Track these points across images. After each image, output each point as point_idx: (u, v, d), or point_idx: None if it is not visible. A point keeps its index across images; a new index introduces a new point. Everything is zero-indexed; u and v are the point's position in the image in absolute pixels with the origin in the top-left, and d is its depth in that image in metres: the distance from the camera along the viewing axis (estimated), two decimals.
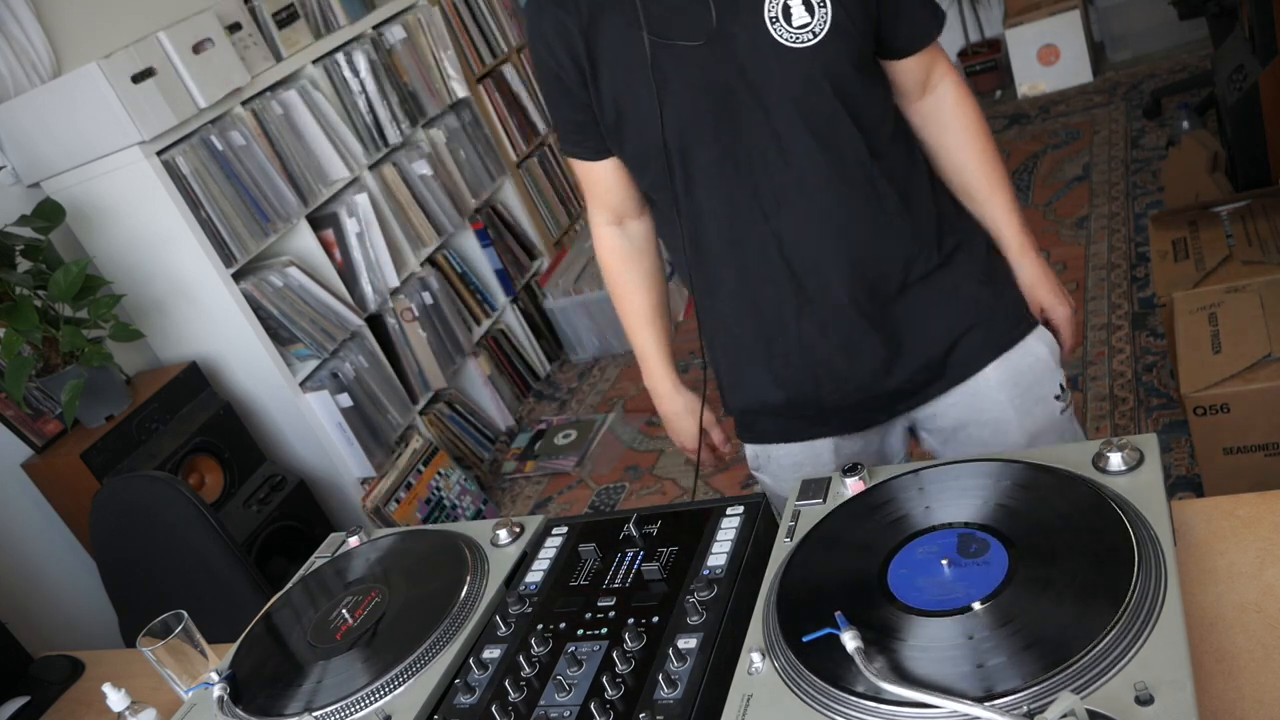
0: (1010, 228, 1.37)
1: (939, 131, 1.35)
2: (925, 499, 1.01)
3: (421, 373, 3.36)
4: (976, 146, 1.35)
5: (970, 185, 1.36)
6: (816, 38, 1.17)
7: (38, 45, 2.75)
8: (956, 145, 1.35)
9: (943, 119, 1.34)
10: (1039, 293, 1.38)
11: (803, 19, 1.17)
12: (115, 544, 2.15)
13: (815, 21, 1.17)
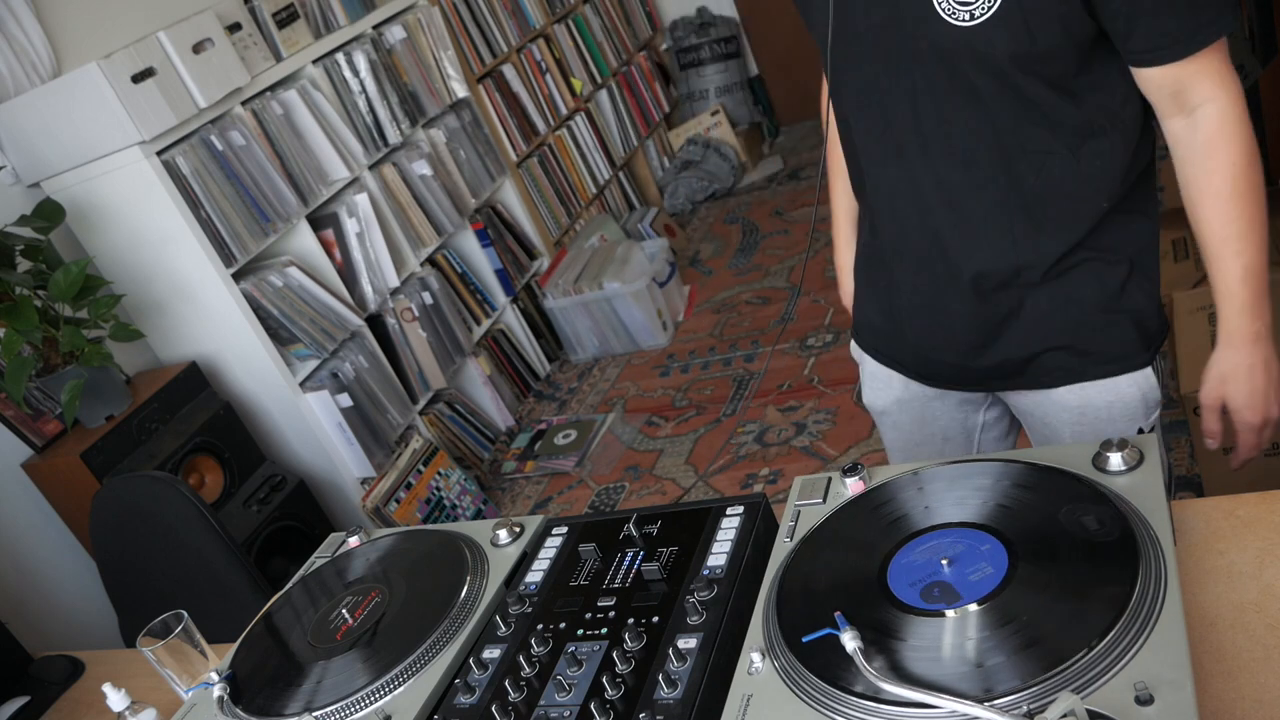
0: (1229, 306, 1.19)
1: (1182, 163, 1.18)
2: (925, 499, 1.01)
3: (421, 373, 3.36)
4: (1219, 197, 1.15)
5: (1201, 236, 1.19)
6: (974, 20, 1.09)
7: (38, 45, 2.75)
8: (1196, 188, 1.17)
9: (1188, 151, 1.16)
10: (1228, 388, 1.23)
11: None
12: (115, 544, 2.15)
13: (980, 3, 1.08)
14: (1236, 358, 1.20)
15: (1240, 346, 1.20)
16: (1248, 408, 1.22)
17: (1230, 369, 1.21)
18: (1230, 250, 1.16)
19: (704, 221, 4.89)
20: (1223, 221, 1.15)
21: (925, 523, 0.98)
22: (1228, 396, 1.23)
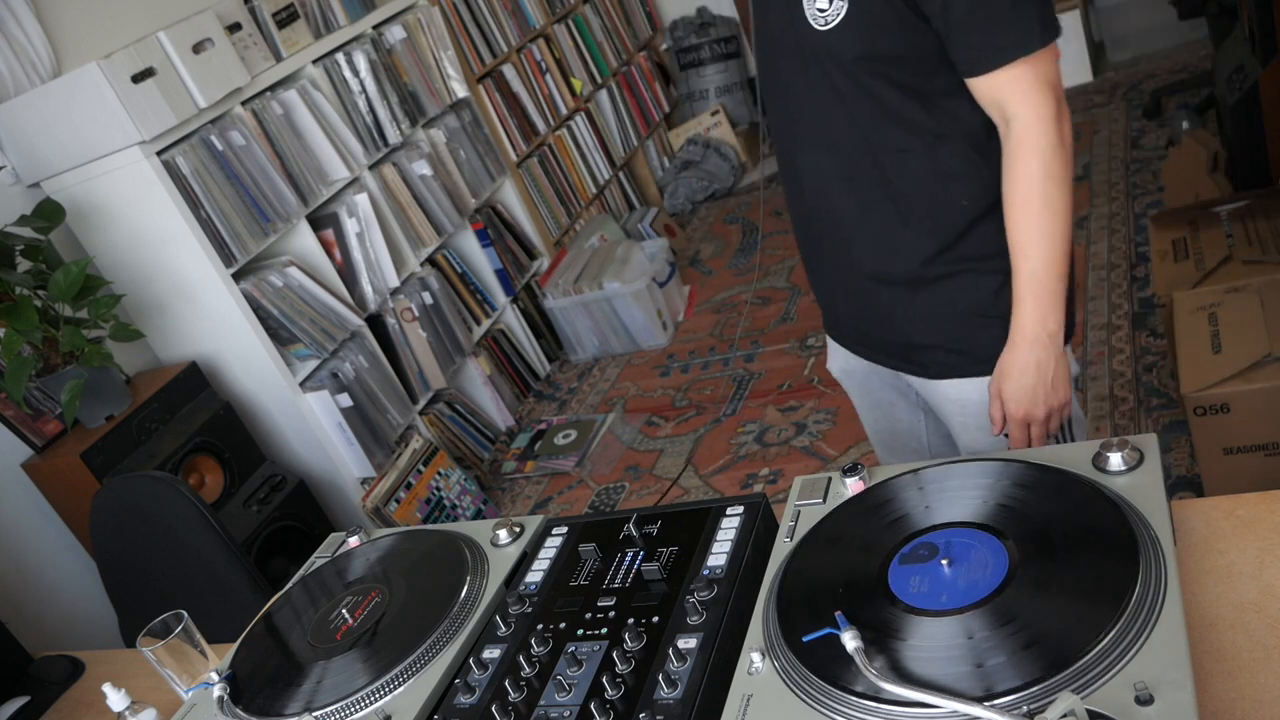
0: (1016, 306, 1.27)
1: (1002, 171, 1.26)
2: (925, 499, 1.01)
3: (421, 373, 3.36)
4: (1014, 205, 1.24)
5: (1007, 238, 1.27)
6: (828, 26, 1.21)
7: (38, 45, 2.75)
8: (1004, 193, 1.26)
9: (1003, 159, 1.25)
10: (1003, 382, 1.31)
11: (822, 3, 1.21)
12: (115, 544, 2.15)
13: (830, 10, 1.20)
14: (1014, 355, 1.29)
15: (1019, 345, 1.28)
16: (1013, 402, 1.30)
17: (1008, 365, 1.30)
18: (1021, 255, 1.24)
19: (704, 221, 4.89)
20: (1017, 228, 1.24)
21: (925, 522, 0.98)
22: (1001, 389, 1.31)
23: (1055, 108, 1.20)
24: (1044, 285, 1.24)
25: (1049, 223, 1.22)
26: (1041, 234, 1.22)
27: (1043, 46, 1.17)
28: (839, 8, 1.20)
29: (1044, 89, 1.19)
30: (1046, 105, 1.19)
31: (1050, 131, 1.19)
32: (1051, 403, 1.29)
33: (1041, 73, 1.19)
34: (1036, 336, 1.26)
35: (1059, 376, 1.28)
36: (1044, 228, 1.22)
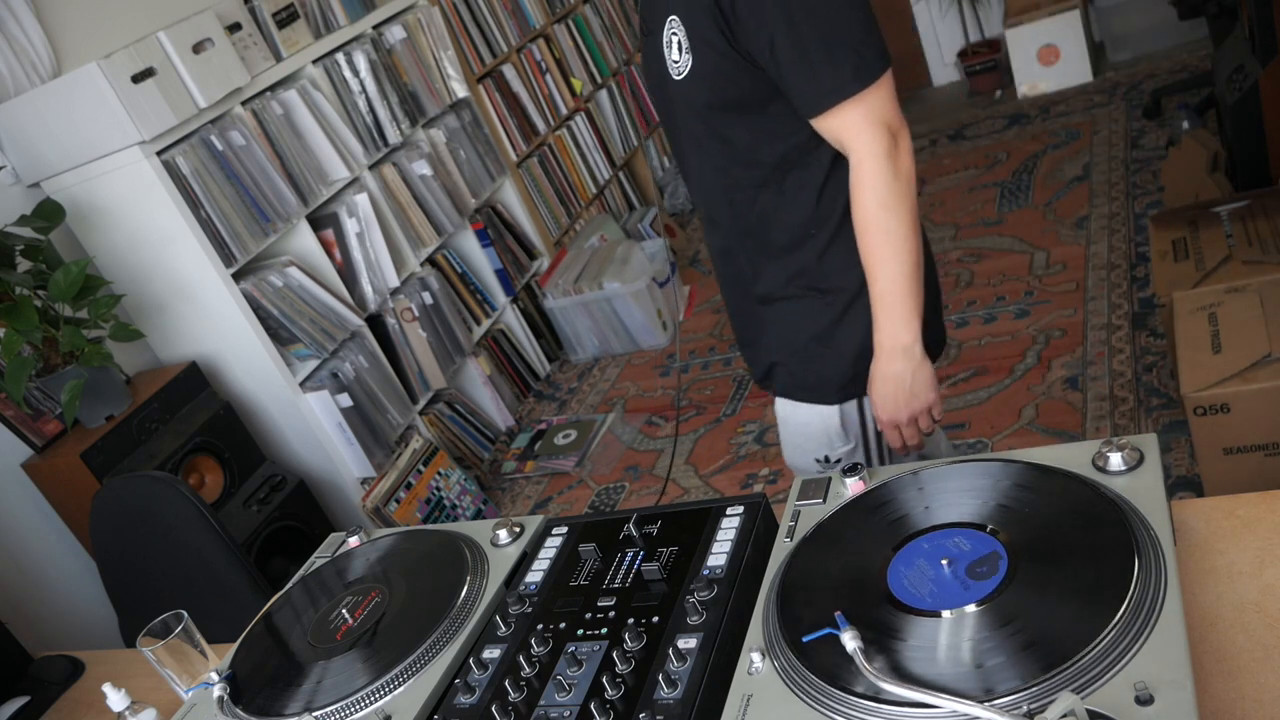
0: (875, 323, 1.37)
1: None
2: (925, 499, 1.01)
3: (421, 373, 3.36)
4: (858, 231, 1.33)
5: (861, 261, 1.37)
6: (681, 75, 1.33)
7: (38, 45, 2.75)
8: (853, 221, 1.34)
9: (850, 192, 1.34)
10: (870, 389, 1.41)
11: (675, 55, 1.33)
12: (115, 544, 2.15)
13: (682, 62, 1.32)
14: (876, 366, 1.39)
15: (879, 358, 1.38)
16: (880, 408, 1.41)
17: (873, 375, 1.40)
18: (870, 277, 1.34)
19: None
20: (863, 254, 1.34)
21: (925, 523, 0.98)
22: (871, 397, 1.42)
23: (887, 142, 1.28)
24: (893, 303, 1.33)
25: (889, 248, 1.31)
26: (883, 258, 1.32)
27: (863, 88, 1.25)
28: (686, 60, 1.31)
29: (873, 125, 1.27)
30: (877, 140, 1.28)
31: (881, 166, 1.28)
32: (914, 407, 1.39)
33: (870, 109, 1.27)
34: (892, 349, 1.36)
35: (919, 383, 1.38)
36: (884, 253, 1.31)
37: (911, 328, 1.34)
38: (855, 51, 1.25)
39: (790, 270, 1.43)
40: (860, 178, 1.30)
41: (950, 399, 2.94)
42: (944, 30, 5.18)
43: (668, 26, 1.33)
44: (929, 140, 4.76)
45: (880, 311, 1.35)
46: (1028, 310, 3.18)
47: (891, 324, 1.34)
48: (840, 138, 1.30)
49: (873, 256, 1.33)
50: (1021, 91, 4.75)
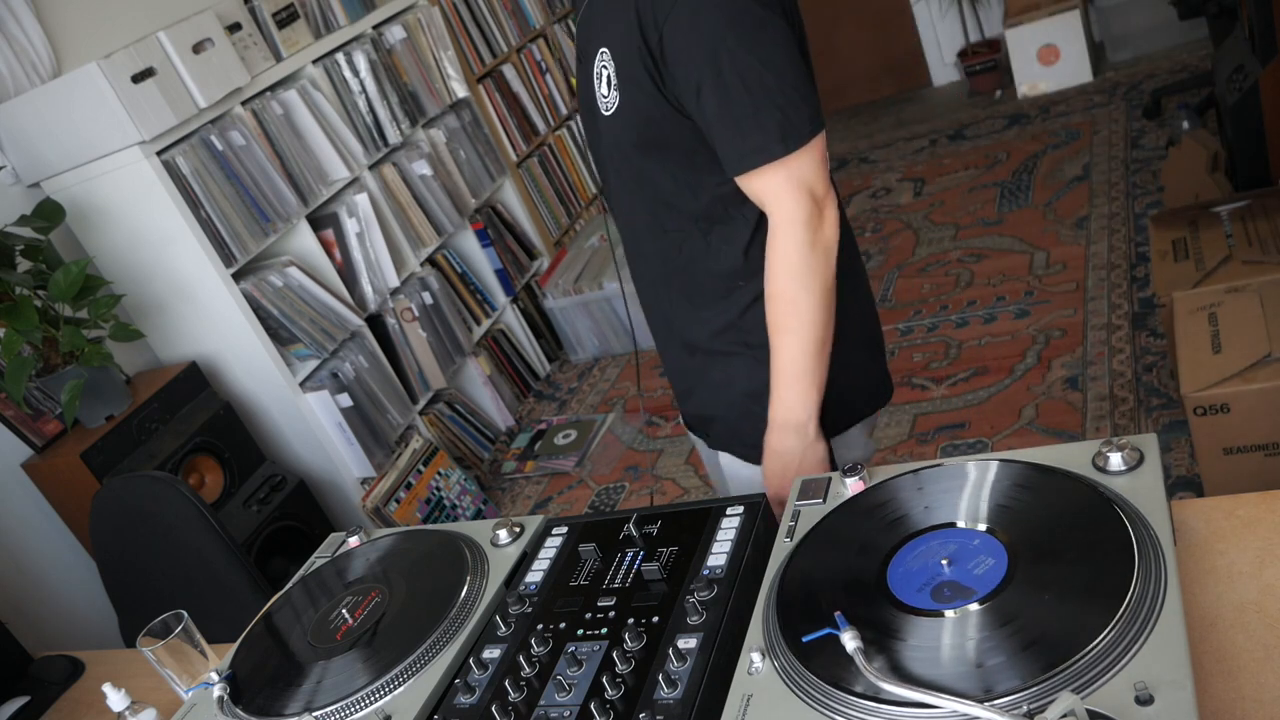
0: (772, 394, 1.29)
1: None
2: (925, 499, 1.01)
3: (421, 373, 3.36)
4: (767, 296, 1.26)
5: None
6: (609, 111, 1.27)
7: (38, 45, 2.75)
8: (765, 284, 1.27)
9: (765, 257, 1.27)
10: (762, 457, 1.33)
11: (604, 90, 1.27)
12: (115, 544, 2.15)
13: (610, 98, 1.26)
14: (769, 438, 1.32)
15: (771, 430, 1.31)
16: (767, 481, 1.34)
17: (766, 445, 1.33)
18: (772, 346, 1.27)
19: None
20: (769, 319, 1.27)
21: (925, 523, 0.98)
22: (764, 466, 1.34)
23: (808, 209, 1.20)
24: (791, 378, 1.26)
25: (794, 320, 1.23)
26: (786, 329, 1.24)
27: (788, 152, 1.18)
28: (614, 96, 1.26)
29: (795, 191, 1.20)
30: (798, 208, 1.20)
31: (798, 235, 1.21)
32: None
33: (793, 174, 1.19)
34: (785, 424, 1.29)
35: (809, 462, 1.29)
36: (789, 324, 1.24)
37: (807, 405, 1.27)
38: (783, 112, 1.17)
39: (717, 323, 1.37)
40: (774, 244, 1.23)
41: (950, 399, 2.94)
42: (944, 30, 5.19)
43: (598, 58, 1.27)
44: (929, 140, 4.76)
45: (778, 384, 1.28)
46: (1028, 310, 3.18)
47: (788, 399, 1.27)
48: (761, 200, 1.24)
49: (776, 327, 1.26)
50: (1021, 91, 4.75)
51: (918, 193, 4.31)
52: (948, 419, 2.86)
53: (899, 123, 5.14)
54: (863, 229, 4.19)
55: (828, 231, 1.22)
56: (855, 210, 4.39)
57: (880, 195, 4.43)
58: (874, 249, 3.99)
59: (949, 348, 3.17)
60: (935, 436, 2.82)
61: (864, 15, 5.29)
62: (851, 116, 5.50)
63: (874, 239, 4.07)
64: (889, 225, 4.13)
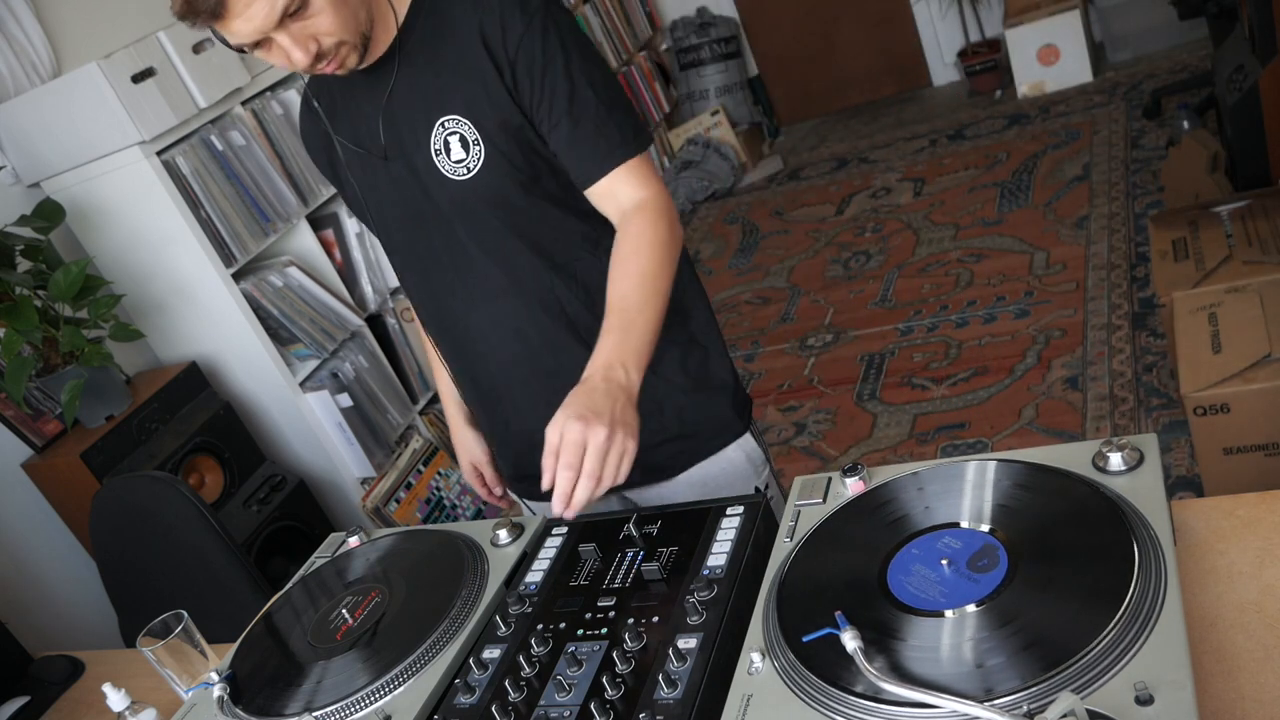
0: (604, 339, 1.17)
1: (621, 238, 1.24)
2: (925, 499, 1.01)
3: (421, 373, 3.36)
4: (639, 247, 1.21)
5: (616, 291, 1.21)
6: (471, 173, 1.27)
7: (38, 45, 2.75)
8: (626, 253, 1.22)
9: (629, 227, 1.24)
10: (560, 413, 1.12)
11: (459, 155, 1.27)
12: (115, 544, 2.15)
13: (470, 158, 1.26)
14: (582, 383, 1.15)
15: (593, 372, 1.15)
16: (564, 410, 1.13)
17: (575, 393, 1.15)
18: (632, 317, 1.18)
19: (704, 221, 4.90)
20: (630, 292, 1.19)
21: (925, 523, 0.98)
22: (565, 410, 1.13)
23: (669, 197, 1.27)
24: (647, 344, 1.17)
25: (659, 296, 1.20)
26: (651, 302, 1.19)
27: (641, 150, 1.26)
28: (478, 153, 1.26)
29: (657, 180, 1.27)
30: (663, 193, 1.26)
31: (669, 214, 1.25)
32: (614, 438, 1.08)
33: (649, 167, 1.27)
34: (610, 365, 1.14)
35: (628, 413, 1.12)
36: (654, 298, 1.19)
37: (640, 369, 1.15)
38: (629, 116, 1.25)
39: None
40: (646, 223, 1.22)
41: (950, 399, 2.94)
42: (944, 30, 5.19)
43: (437, 131, 1.26)
44: (929, 140, 4.76)
45: (640, 346, 1.16)
46: (1028, 310, 3.18)
47: (635, 356, 1.15)
48: (622, 196, 1.24)
49: (643, 302, 1.19)
50: (1021, 91, 4.75)
51: (918, 193, 4.31)
52: (948, 419, 2.86)
53: (899, 123, 5.14)
54: (863, 229, 4.19)
55: (679, 225, 1.27)
56: (855, 210, 4.39)
57: (880, 195, 4.43)
58: (874, 249, 3.99)
59: (949, 348, 3.17)
60: (935, 436, 2.82)
61: (864, 15, 5.29)
62: (851, 116, 5.50)
63: (874, 239, 4.07)
64: (889, 225, 4.13)
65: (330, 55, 1.20)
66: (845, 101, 5.62)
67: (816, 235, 4.31)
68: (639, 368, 1.16)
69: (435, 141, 1.27)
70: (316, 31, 1.17)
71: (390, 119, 1.29)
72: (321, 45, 1.18)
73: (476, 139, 1.25)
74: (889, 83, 5.49)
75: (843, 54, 5.46)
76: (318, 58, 1.19)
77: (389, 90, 1.28)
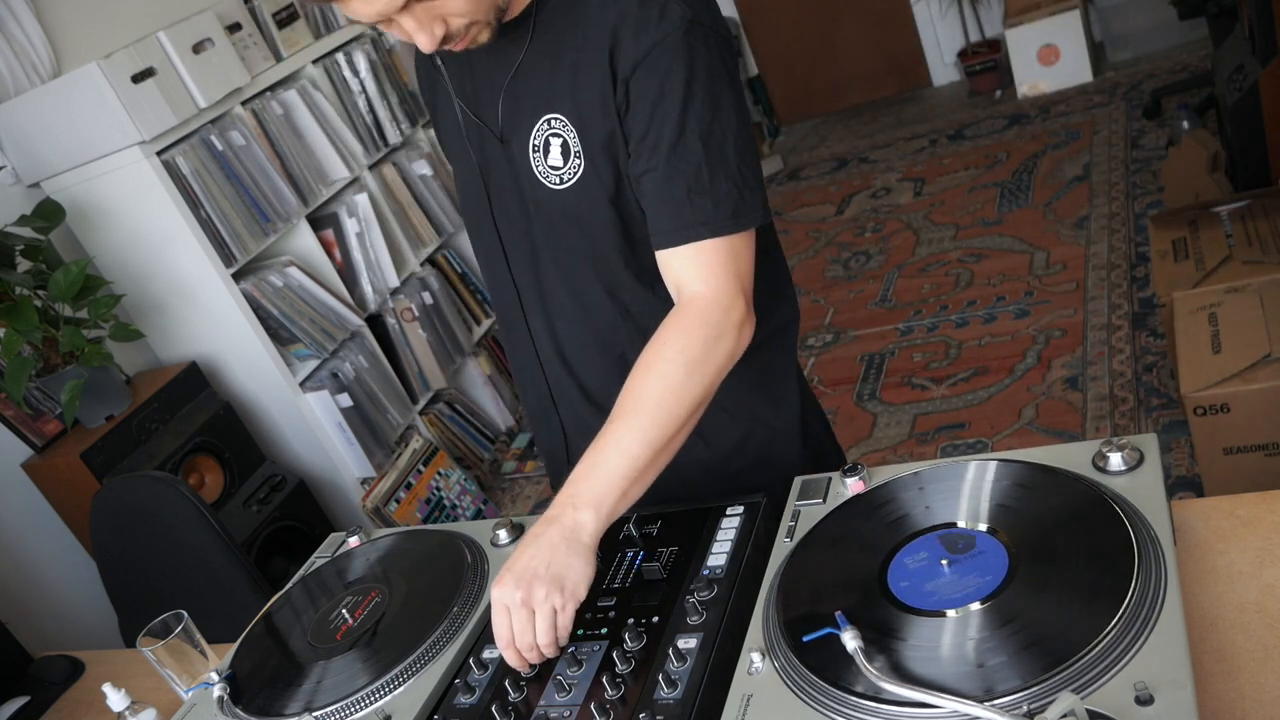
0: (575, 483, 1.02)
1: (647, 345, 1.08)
2: (925, 499, 1.01)
3: (421, 373, 3.36)
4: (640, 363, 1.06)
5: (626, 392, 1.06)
6: (564, 184, 1.13)
7: (38, 45, 2.75)
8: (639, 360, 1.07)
9: (656, 332, 1.08)
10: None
11: (556, 161, 1.13)
12: (115, 544, 2.15)
13: (566, 168, 1.13)
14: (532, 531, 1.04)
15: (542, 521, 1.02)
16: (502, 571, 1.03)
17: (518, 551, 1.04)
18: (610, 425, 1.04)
19: None
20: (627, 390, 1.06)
21: (925, 523, 0.98)
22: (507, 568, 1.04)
23: (731, 295, 1.07)
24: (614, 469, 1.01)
25: (653, 404, 1.03)
26: (639, 410, 1.03)
27: (735, 231, 1.07)
28: (575, 167, 1.12)
29: (726, 272, 1.07)
30: (724, 289, 1.07)
31: (713, 316, 1.06)
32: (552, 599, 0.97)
33: (732, 255, 1.08)
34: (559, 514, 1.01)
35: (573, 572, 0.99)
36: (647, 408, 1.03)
37: (606, 508, 1.00)
38: (739, 189, 1.06)
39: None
40: (679, 318, 1.06)
41: (950, 399, 2.94)
42: (944, 30, 5.18)
43: (539, 128, 1.13)
44: (929, 140, 4.76)
45: (592, 469, 1.02)
46: (1028, 310, 3.18)
47: (591, 490, 1.01)
48: (682, 279, 1.09)
49: (629, 407, 1.03)
50: (1021, 91, 4.75)
51: (918, 193, 4.31)
52: (948, 419, 2.86)
53: (899, 123, 5.14)
54: (863, 229, 4.19)
55: (741, 336, 1.07)
56: (855, 210, 4.39)
57: (880, 195, 4.43)
58: (874, 249, 3.98)
59: (949, 348, 3.17)
60: (935, 436, 2.82)
61: (864, 15, 5.29)
62: (851, 116, 5.50)
63: (874, 239, 4.07)
64: (889, 225, 4.13)
65: (459, 36, 1.05)
66: (845, 101, 5.62)
67: (816, 235, 4.31)
68: (595, 506, 1.00)
69: (536, 137, 1.13)
70: (445, 12, 1.02)
71: (512, 98, 1.15)
72: (450, 26, 1.03)
73: (579, 150, 1.11)
74: (889, 83, 5.49)
75: (843, 54, 5.46)
76: (445, 40, 1.04)
77: (516, 65, 1.13)
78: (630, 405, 1.03)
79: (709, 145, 1.06)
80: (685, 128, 1.05)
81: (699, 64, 1.05)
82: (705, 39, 1.06)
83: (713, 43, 1.06)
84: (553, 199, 1.15)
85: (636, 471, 1.02)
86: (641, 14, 1.05)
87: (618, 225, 1.15)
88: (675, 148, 1.06)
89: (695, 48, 1.05)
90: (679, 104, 1.05)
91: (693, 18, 1.05)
